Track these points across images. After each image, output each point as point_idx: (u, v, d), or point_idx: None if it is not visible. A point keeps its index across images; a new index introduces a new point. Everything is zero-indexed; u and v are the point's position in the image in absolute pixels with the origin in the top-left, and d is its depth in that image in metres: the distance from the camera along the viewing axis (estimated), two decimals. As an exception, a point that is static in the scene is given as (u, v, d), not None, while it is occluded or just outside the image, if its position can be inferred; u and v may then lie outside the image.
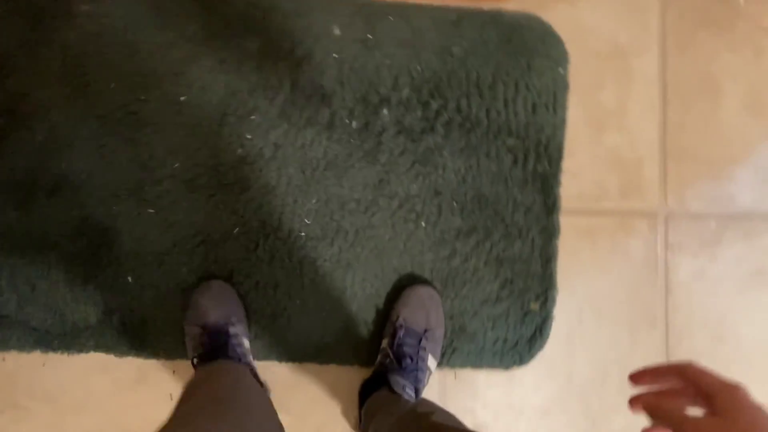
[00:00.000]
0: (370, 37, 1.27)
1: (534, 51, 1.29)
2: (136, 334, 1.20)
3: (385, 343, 1.17)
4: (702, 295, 1.31)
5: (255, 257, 1.22)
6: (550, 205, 1.27)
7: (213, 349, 1.07)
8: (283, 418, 0.92)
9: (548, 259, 1.27)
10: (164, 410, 0.77)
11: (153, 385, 1.20)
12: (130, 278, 1.20)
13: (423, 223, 1.25)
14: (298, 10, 1.25)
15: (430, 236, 1.25)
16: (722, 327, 1.31)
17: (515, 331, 1.26)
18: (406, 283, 1.24)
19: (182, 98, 1.23)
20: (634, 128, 1.31)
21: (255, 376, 1.10)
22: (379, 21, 1.27)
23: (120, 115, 1.21)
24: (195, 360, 1.09)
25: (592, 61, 1.30)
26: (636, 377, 0.51)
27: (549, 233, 1.27)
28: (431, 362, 1.16)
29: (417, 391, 1.08)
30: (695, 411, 0.46)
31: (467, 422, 0.84)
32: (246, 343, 1.14)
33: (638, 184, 1.31)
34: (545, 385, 1.27)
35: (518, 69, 1.28)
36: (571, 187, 1.28)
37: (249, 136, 1.23)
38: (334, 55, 1.25)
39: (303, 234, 1.23)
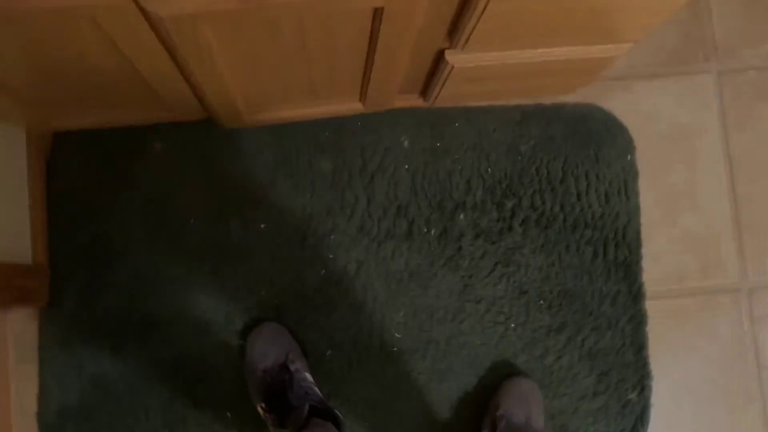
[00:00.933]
0: (439, 144, 1.28)
1: (600, 141, 1.30)
2: (240, 470, 1.18)
3: None
4: (794, 365, 1.30)
5: (350, 378, 1.21)
6: (635, 293, 1.27)
7: (278, 389, 1.06)
8: None
9: (640, 347, 1.26)
10: None
11: None
12: (229, 414, 1.18)
13: (512, 324, 1.25)
14: (365, 127, 1.27)
15: (521, 337, 1.25)
16: (818, 394, 1.30)
17: (617, 423, 1.25)
18: (504, 374, 1.23)
19: (262, 226, 1.23)
20: (706, 206, 1.32)
21: (332, 416, 1.04)
22: (445, 128, 1.28)
23: (203, 250, 1.22)
24: (262, 405, 1.08)
25: (657, 144, 1.32)
26: None
27: (638, 321, 1.27)
28: None
29: None
30: None
31: None
32: (309, 377, 1.13)
33: (717, 260, 1.31)
34: (652, 475, 1.26)
35: (587, 160, 1.29)
36: (652, 271, 1.29)
37: (331, 256, 1.24)
38: (406, 166, 1.27)
39: (395, 349, 1.22)
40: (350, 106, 1.13)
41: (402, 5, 0.72)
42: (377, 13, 0.75)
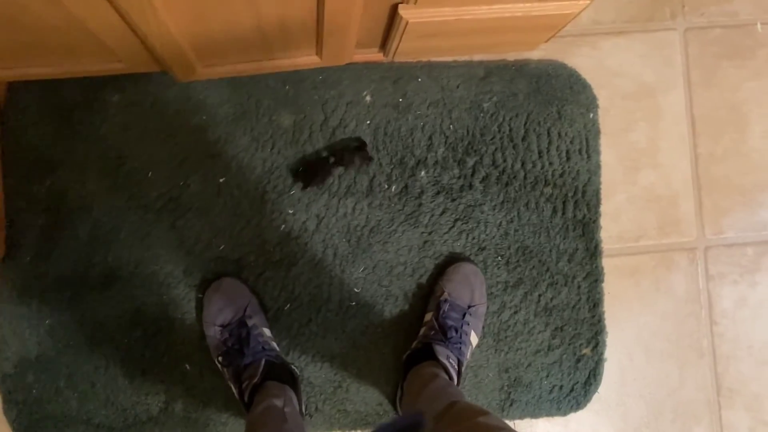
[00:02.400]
0: (401, 100, 1.27)
1: (563, 98, 1.30)
2: (198, 420, 1.20)
3: (429, 316, 1.19)
4: (746, 322, 1.33)
5: (309, 331, 1.23)
6: (592, 250, 1.29)
7: (235, 344, 1.10)
8: None
9: (595, 303, 1.29)
10: None
11: (221, 469, 1.21)
12: (187, 366, 1.20)
13: (470, 281, 1.26)
14: (327, 81, 1.25)
15: (479, 293, 1.26)
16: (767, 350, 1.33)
17: (570, 377, 1.28)
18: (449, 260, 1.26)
19: (221, 180, 1.23)
20: (667, 165, 1.32)
21: (288, 371, 1.13)
22: (408, 83, 1.27)
23: (161, 203, 1.21)
24: (220, 359, 1.12)
25: (621, 102, 1.32)
26: None
27: (594, 278, 1.29)
28: (473, 338, 1.19)
29: (460, 363, 1.10)
30: None
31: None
32: (267, 332, 1.17)
33: (676, 219, 1.32)
34: (602, 426, 1.29)
35: (549, 118, 1.29)
36: (611, 229, 1.30)
37: (291, 211, 1.24)
38: (367, 122, 1.26)
39: (354, 303, 1.24)
40: (307, 59, 1.11)
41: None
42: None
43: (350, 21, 0.92)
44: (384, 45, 1.14)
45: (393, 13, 0.98)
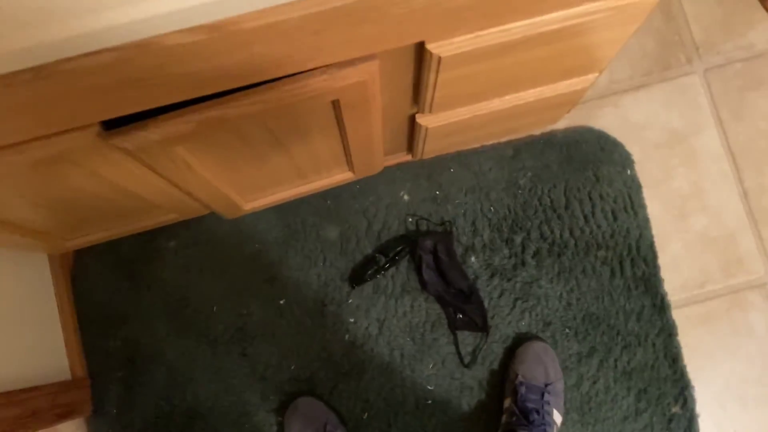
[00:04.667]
0: (438, 192, 1.30)
1: (597, 161, 1.31)
2: None
3: (507, 402, 1.17)
4: (838, 350, 1.27)
5: (391, 437, 1.22)
6: (659, 305, 1.26)
7: None
8: None
9: (674, 358, 1.25)
10: None
11: None
12: (279, 492, 1.21)
13: (542, 358, 1.25)
14: (364, 189, 1.30)
15: (553, 369, 1.24)
16: None
17: (665, 440, 1.23)
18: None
19: (281, 301, 1.27)
20: (715, 205, 1.30)
21: None
22: (441, 175, 1.31)
23: (228, 335, 1.25)
24: None
25: (655, 153, 1.32)
26: None
27: (667, 332, 1.26)
28: (557, 416, 1.16)
29: None
30: None
31: None
32: None
33: (737, 257, 1.29)
34: (712, 486, 1.23)
35: (587, 182, 1.30)
36: (673, 280, 1.28)
37: (352, 320, 1.26)
38: (409, 219, 1.29)
39: (429, 402, 1.24)
40: (342, 176, 1.16)
41: (356, 94, 0.75)
42: (336, 104, 0.78)
43: (374, 139, 0.97)
44: (410, 148, 1.18)
45: (412, 123, 1.02)
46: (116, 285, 1.27)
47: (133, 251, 1.28)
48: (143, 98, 0.60)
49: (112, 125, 0.67)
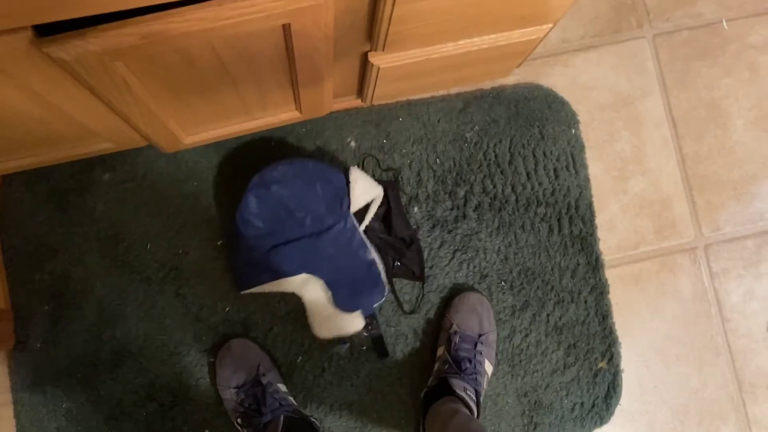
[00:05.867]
0: (385, 141, 1.29)
1: (543, 118, 1.32)
2: (226, 485, 1.20)
3: (441, 350, 1.19)
4: (757, 314, 1.33)
5: (324, 381, 1.23)
6: (594, 263, 1.29)
7: (252, 404, 1.11)
8: None
9: (605, 315, 1.29)
10: None
11: None
12: (207, 431, 1.20)
13: (477, 309, 1.26)
14: (310, 132, 1.28)
15: (487, 320, 1.26)
16: (783, 339, 1.33)
17: (590, 393, 1.27)
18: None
19: (218, 243, 1.24)
20: (655, 169, 1.34)
21: (308, 424, 1.14)
22: (390, 124, 1.30)
23: (163, 274, 1.23)
24: (239, 420, 1.12)
25: (600, 114, 1.34)
26: None
27: (599, 290, 1.29)
28: (488, 366, 1.19)
29: (478, 394, 1.10)
30: None
31: None
32: (282, 387, 1.17)
33: (671, 221, 1.33)
34: (630, 438, 1.28)
35: (532, 139, 1.31)
36: (609, 240, 1.31)
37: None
38: (355, 165, 1.27)
39: (364, 348, 1.24)
40: (288, 114, 1.13)
41: (308, 20, 0.73)
42: (286, 29, 0.76)
43: (323, 75, 0.94)
44: (361, 91, 1.16)
45: (364, 61, 1.00)
46: (46, 215, 1.22)
47: (66, 181, 1.22)
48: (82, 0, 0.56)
49: (48, 33, 0.63)
